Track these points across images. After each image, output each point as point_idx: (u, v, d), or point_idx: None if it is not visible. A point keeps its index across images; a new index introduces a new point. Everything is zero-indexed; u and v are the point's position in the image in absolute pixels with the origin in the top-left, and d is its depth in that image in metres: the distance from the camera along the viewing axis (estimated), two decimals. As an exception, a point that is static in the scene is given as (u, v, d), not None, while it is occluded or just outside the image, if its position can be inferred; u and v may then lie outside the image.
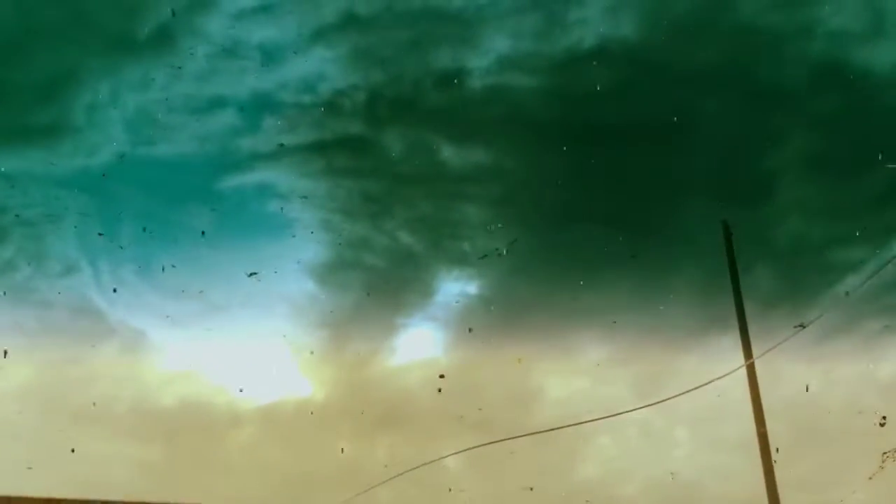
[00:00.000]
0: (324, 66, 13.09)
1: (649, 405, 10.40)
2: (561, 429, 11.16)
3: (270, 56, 12.97)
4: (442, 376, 12.18)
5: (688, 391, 9.78)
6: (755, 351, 11.26)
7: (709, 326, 14.51)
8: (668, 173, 13.65)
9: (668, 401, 12.89)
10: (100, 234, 12.57)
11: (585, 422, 11.18)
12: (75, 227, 13.20)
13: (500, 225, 13.36)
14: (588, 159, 13.45)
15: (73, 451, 11.15)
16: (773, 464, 10.27)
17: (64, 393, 12.93)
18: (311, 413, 13.35)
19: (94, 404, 12.16)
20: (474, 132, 13.51)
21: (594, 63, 13.18)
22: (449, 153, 13.68)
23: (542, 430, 11.21)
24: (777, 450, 10.64)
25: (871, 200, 13.00)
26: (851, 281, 13.14)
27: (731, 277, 11.47)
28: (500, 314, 13.80)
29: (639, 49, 13.33)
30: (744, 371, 11.31)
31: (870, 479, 10.68)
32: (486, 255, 13.26)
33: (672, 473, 13.11)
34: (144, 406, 13.40)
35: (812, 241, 13.86)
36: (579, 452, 14.21)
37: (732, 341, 14.55)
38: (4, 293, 12.53)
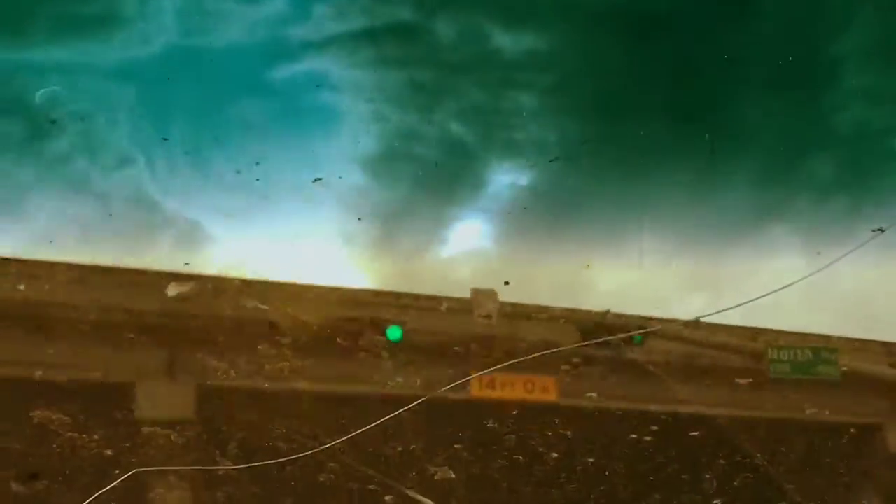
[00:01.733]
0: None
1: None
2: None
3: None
4: (507, 283, 12.04)
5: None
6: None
7: (763, 218, 14.33)
8: (727, 61, 13.28)
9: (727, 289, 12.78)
10: (164, 139, 12.41)
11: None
12: (128, 119, 13.16)
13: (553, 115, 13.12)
14: (646, 46, 13.12)
15: None
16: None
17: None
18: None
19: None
20: (528, 17, 13.18)
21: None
22: (502, 40, 13.39)
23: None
24: None
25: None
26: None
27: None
28: (552, 206, 13.66)
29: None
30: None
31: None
32: (534, 165, 13.04)
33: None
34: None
35: (875, 129, 13.52)
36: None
37: (786, 231, 14.32)
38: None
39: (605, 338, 11.31)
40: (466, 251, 14.42)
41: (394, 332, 11.68)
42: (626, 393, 11.73)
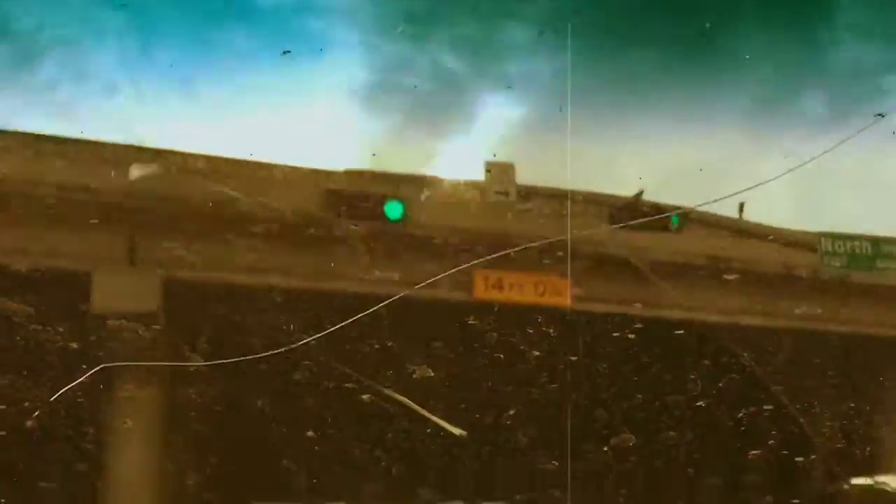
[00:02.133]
0: None
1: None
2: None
3: None
4: None
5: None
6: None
7: (755, 148, 14.01)
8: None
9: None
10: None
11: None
12: (115, 45, 12.57)
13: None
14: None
15: None
16: None
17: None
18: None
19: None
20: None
21: None
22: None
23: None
24: None
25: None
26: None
27: None
28: (543, 138, 13.25)
29: None
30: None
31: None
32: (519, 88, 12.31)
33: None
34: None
35: (866, 66, 13.09)
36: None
37: (777, 166, 14.01)
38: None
39: (637, 221, 10.28)
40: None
41: (393, 209, 10.24)
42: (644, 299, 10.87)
